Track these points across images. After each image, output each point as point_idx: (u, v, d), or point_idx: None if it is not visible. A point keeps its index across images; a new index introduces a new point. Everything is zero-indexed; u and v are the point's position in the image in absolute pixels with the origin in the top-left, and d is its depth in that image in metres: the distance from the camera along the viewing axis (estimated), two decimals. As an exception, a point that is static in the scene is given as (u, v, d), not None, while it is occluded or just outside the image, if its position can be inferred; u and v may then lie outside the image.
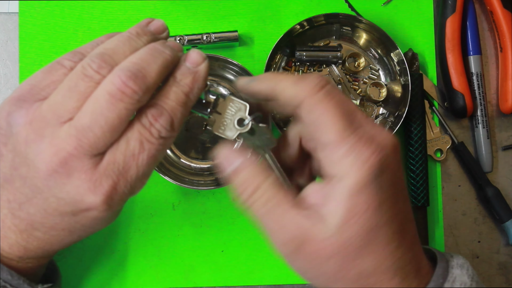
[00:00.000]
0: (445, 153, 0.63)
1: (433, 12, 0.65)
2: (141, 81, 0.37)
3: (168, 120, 0.38)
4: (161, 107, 0.38)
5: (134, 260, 0.61)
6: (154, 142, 0.38)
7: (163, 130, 0.38)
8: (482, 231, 0.64)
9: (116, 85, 0.37)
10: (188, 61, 0.40)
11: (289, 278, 0.62)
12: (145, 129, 0.38)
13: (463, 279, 0.39)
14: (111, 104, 0.37)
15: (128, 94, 0.37)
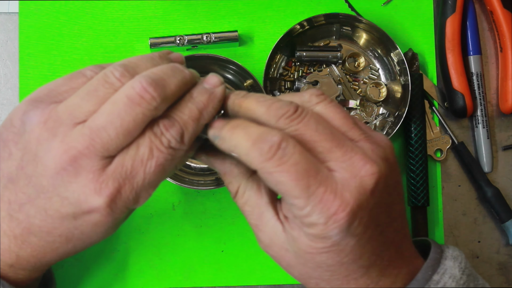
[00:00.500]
0: (445, 153, 0.63)
1: (433, 12, 0.65)
2: (160, 89, 0.38)
3: (178, 132, 0.39)
4: (174, 119, 0.39)
5: (134, 260, 0.61)
6: (163, 150, 0.38)
7: (173, 140, 0.38)
8: (482, 231, 0.64)
9: (136, 89, 0.38)
10: (206, 82, 0.41)
11: (289, 278, 0.62)
12: (156, 137, 0.38)
13: (454, 271, 0.39)
14: (129, 107, 0.37)
15: (146, 99, 0.37)
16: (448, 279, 0.38)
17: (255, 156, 0.37)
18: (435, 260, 0.39)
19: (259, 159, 0.37)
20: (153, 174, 0.39)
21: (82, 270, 0.60)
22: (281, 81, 0.63)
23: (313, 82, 0.61)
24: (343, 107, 0.48)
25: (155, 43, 0.61)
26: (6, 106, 0.63)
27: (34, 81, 0.62)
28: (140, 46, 0.63)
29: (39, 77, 0.62)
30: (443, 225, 0.63)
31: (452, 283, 0.38)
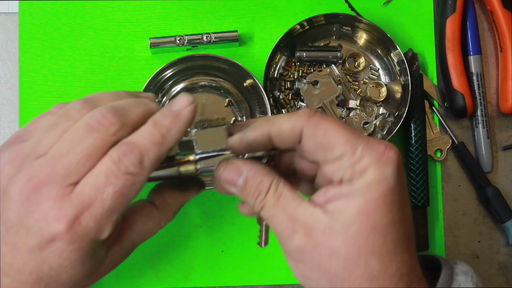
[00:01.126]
0: (445, 153, 0.63)
1: (433, 12, 0.65)
2: (119, 116, 0.38)
3: (137, 157, 0.38)
4: (132, 144, 0.38)
5: (134, 260, 0.61)
6: (120, 177, 0.38)
7: (131, 165, 0.38)
8: (482, 231, 0.64)
9: (95, 116, 0.38)
10: (173, 104, 0.40)
11: (289, 278, 0.62)
12: (113, 163, 0.38)
13: (468, 286, 0.39)
14: (88, 132, 0.38)
15: (105, 124, 0.38)
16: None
17: (298, 116, 0.39)
18: (448, 276, 0.39)
19: (303, 117, 0.39)
20: (111, 200, 0.38)
21: (82, 270, 0.60)
22: (281, 81, 0.63)
23: (313, 82, 0.61)
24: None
25: (155, 43, 0.61)
26: (6, 106, 0.63)
27: (34, 81, 0.62)
28: (140, 46, 0.63)
29: (39, 77, 0.62)
30: (443, 225, 0.63)
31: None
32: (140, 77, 0.62)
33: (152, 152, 0.39)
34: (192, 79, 0.62)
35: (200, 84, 0.62)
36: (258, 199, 0.39)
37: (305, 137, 0.39)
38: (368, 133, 0.62)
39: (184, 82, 0.62)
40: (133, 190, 0.39)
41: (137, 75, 0.63)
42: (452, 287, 0.38)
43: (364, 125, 0.63)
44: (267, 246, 0.63)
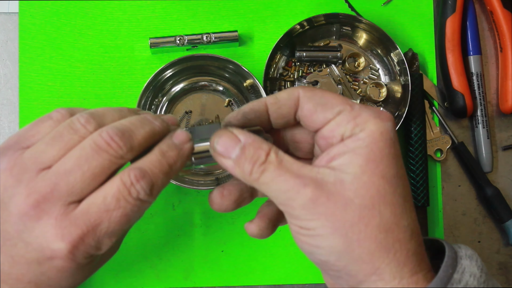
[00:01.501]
0: (445, 153, 0.63)
1: (433, 12, 0.65)
2: (127, 139, 0.39)
3: (149, 184, 0.38)
4: (145, 171, 0.38)
5: (134, 260, 0.61)
6: (131, 201, 0.38)
7: (142, 192, 0.38)
8: (482, 231, 0.64)
9: (104, 137, 0.38)
10: (175, 138, 0.41)
11: (289, 278, 0.62)
12: (125, 187, 0.38)
13: (473, 270, 0.38)
14: (96, 152, 0.38)
15: (113, 147, 0.38)
16: (469, 277, 0.38)
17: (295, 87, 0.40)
18: (452, 259, 0.39)
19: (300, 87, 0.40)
20: (118, 224, 0.38)
21: (82, 270, 0.61)
22: (281, 81, 0.63)
23: (313, 82, 0.61)
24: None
25: (155, 43, 0.61)
26: (6, 106, 0.63)
27: (34, 81, 0.62)
28: (140, 46, 0.63)
29: (39, 77, 0.62)
30: (443, 225, 0.63)
31: (473, 282, 0.37)
32: (140, 77, 0.62)
33: (160, 181, 0.39)
34: (192, 79, 0.62)
35: (200, 84, 0.62)
36: (257, 164, 0.38)
37: (303, 101, 0.40)
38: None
39: (184, 82, 0.62)
40: (138, 216, 0.39)
41: (137, 75, 0.63)
42: (457, 273, 0.38)
43: (364, 125, 0.63)
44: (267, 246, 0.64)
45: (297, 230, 0.38)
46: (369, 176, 0.36)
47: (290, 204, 0.37)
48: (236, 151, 0.39)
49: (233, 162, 0.39)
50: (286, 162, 0.38)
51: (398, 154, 0.38)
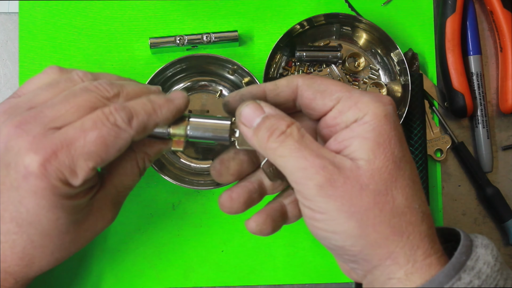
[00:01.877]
0: (445, 153, 0.63)
1: (433, 12, 0.65)
2: (117, 87, 0.42)
3: (127, 114, 0.40)
4: (126, 106, 0.40)
5: (134, 260, 0.61)
6: (107, 125, 0.39)
7: (119, 119, 0.40)
8: (482, 231, 0.64)
9: (94, 84, 0.41)
10: (171, 94, 0.43)
11: (289, 278, 0.62)
12: (103, 114, 0.40)
13: (487, 258, 0.38)
14: (82, 91, 0.40)
15: (100, 88, 0.41)
16: (482, 265, 0.38)
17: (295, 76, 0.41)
18: (466, 247, 0.39)
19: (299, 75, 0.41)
20: (93, 144, 0.39)
21: (83, 270, 0.60)
22: (281, 81, 0.63)
23: (313, 82, 0.61)
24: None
25: (155, 43, 0.61)
26: (6, 106, 0.63)
27: (34, 81, 0.62)
28: (140, 46, 0.63)
29: (39, 77, 0.62)
30: (443, 225, 0.63)
31: (487, 269, 0.38)
32: (140, 77, 0.62)
33: (141, 117, 0.41)
34: (192, 79, 0.62)
35: (200, 84, 0.62)
36: (275, 133, 0.38)
37: (302, 88, 0.40)
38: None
39: (184, 82, 0.62)
40: (116, 144, 0.40)
41: (137, 75, 0.63)
42: (471, 260, 0.38)
43: (364, 125, 0.63)
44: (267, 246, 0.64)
45: (310, 215, 0.38)
46: (381, 161, 0.37)
47: (305, 183, 0.37)
48: (258, 120, 0.39)
49: (253, 130, 0.39)
50: (307, 139, 0.38)
51: (403, 136, 0.39)
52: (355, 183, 0.37)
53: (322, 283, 0.62)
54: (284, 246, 0.62)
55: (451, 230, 0.43)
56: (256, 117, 0.39)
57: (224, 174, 0.44)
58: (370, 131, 0.37)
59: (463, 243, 0.39)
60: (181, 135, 0.44)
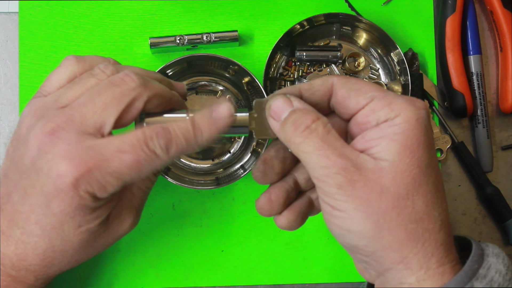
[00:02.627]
0: (445, 153, 0.63)
1: (433, 12, 0.65)
2: (142, 79, 0.41)
3: (166, 143, 0.40)
4: (168, 130, 0.40)
5: (134, 260, 0.61)
6: (145, 151, 0.39)
7: (158, 146, 0.40)
8: (482, 231, 0.64)
9: (119, 75, 0.41)
10: (214, 109, 0.43)
11: (289, 278, 0.62)
12: (144, 137, 0.39)
13: (499, 267, 0.38)
14: (108, 86, 0.40)
15: (126, 81, 0.40)
16: (494, 273, 0.38)
17: (330, 76, 0.40)
18: (478, 256, 0.39)
19: (334, 76, 0.41)
20: (127, 167, 0.39)
21: (83, 270, 0.60)
22: (281, 81, 0.63)
23: (313, 82, 0.61)
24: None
25: (155, 43, 0.61)
26: (6, 106, 0.63)
27: (34, 81, 0.62)
28: (140, 46, 0.63)
29: (39, 77, 0.62)
30: (443, 225, 0.63)
31: (499, 278, 0.37)
32: (140, 77, 0.62)
33: (180, 145, 0.40)
34: (192, 79, 0.62)
35: (200, 84, 0.62)
36: (300, 127, 0.38)
37: (337, 87, 0.40)
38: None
39: (184, 82, 0.62)
40: (148, 169, 0.40)
41: (137, 75, 0.63)
42: (482, 268, 0.38)
43: (364, 125, 0.63)
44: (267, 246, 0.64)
45: (329, 210, 0.38)
46: (406, 164, 0.37)
47: (326, 181, 0.37)
48: (285, 114, 0.39)
49: (280, 124, 0.39)
50: (332, 136, 0.38)
51: (432, 143, 0.38)
52: (376, 185, 0.36)
53: (322, 283, 0.62)
54: (284, 246, 0.62)
55: (462, 238, 0.42)
56: (284, 111, 0.39)
57: (270, 174, 0.43)
58: (399, 133, 0.37)
59: (474, 251, 0.39)
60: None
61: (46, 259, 0.43)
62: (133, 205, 0.47)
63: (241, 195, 0.62)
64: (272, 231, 0.62)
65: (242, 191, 0.62)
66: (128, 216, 0.46)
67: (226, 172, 0.61)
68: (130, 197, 0.46)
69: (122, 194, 0.46)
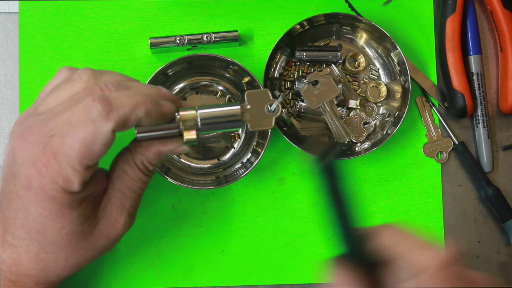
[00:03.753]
0: (446, 156, 0.63)
1: (433, 12, 0.65)
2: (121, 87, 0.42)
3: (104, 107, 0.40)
4: (106, 96, 0.40)
5: (134, 260, 0.61)
6: (86, 124, 0.39)
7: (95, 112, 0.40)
8: (482, 231, 0.64)
9: (98, 85, 0.42)
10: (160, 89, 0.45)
11: (289, 278, 0.62)
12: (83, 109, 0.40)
13: None
14: (85, 95, 0.41)
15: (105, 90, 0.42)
16: None
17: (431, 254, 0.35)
18: None
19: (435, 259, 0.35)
20: (72, 149, 0.39)
21: (82, 270, 0.60)
22: (281, 81, 0.63)
23: (313, 82, 0.61)
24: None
25: (155, 43, 0.61)
26: (6, 106, 0.63)
27: (34, 81, 0.62)
28: (140, 46, 0.63)
29: (39, 77, 0.62)
30: (443, 225, 0.63)
31: None
32: (140, 77, 0.62)
33: (122, 109, 0.40)
34: (192, 79, 0.62)
35: (200, 84, 0.62)
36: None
37: (421, 279, 0.35)
38: (368, 133, 0.62)
39: (184, 82, 0.62)
40: (96, 141, 0.39)
41: (137, 75, 0.63)
42: None
43: (364, 125, 0.63)
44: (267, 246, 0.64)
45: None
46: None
47: None
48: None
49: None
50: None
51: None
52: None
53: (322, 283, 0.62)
54: (284, 246, 0.62)
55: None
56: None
57: None
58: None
59: None
60: (192, 129, 0.43)
61: (40, 261, 0.43)
62: (124, 205, 0.46)
63: (241, 195, 0.62)
64: (272, 231, 0.62)
65: (242, 191, 0.62)
66: (119, 216, 0.46)
67: (226, 172, 0.61)
68: (121, 198, 0.46)
69: (111, 195, 0.46)
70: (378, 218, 0.63)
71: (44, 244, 0.43)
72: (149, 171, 0.46)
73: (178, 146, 0.45)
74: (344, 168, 0.38)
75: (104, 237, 0.46)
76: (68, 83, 0.43)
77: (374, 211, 0.63)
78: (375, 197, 0.63)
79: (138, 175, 0.46)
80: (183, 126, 0.43)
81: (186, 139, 0.43)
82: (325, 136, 0.62)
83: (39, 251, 0.43)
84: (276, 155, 0.63)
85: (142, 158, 0.45)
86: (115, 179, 0.46)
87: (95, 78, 0.43)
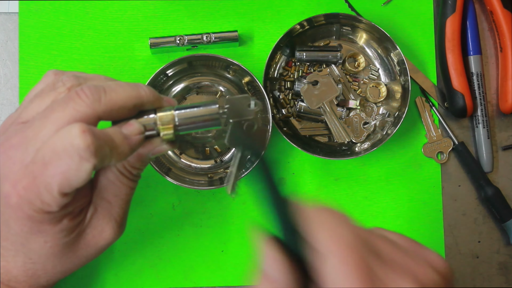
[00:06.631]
0: (446, 156, 0.63)
1: (433, 12, 0.65)
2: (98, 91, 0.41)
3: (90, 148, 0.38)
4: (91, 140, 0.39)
5: (134, 260, 0.61)
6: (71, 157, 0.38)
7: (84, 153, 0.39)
8: (482, 231, 0.64)
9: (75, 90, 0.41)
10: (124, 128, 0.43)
11: (289, 278, 0.62)
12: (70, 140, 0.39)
13: None
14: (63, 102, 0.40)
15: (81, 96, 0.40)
16: None
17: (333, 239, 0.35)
18: None
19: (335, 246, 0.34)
20: (54, 179, 0.38)
21: (82, 270, 0.60)
22: (281, 81, 0.63)
23: (313, 82, 0.61)
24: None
25: (155, 43, 0.61)
26: (6, 106, 0.63)
27: (34, 81, 0.62)
28: (140, 46, 0.63)
29: (39, 77, 0.62)
30: (443, 225, 0.63)
31: None
32: (140, 77, 0.62)
33: (103, 151, 0.39)
34: (192, 79, 0.62)
35: (200, 84, 0.62)
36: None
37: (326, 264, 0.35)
38: (368, 133, 0.62)
39: (184, 82, 0.62)
40: (78, 176, 0.39)
41: (137, 75, 0.63)
42: None
43: (364, 125, 0.63)
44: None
45: None
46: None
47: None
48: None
49: None
50: None
51: None
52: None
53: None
54: (284, 246, 0.62)
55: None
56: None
57: None
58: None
59: None
60: (170, 129, 0.43)
61: (28, 270, 0.44)
62: (111, 214, 0.46)
63: (241, 195, 0.62)
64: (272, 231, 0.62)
65: (242, 191, 0.62)
66: (107, 226, 0.45)
67: (226, 172, 0.61)
68: (107, 207, 0.45)
69: (96, 204, 0.45)
70: (378, 218, 0.63)
71: (30, 255, 0.43)
72: (133, 176, 0.46)
73: (157, 146, 0.44)
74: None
75: (92, 246, 0.45)
76: (52, 90, 0.43)
77: (374, 211, 0.63)
78: (375, 197, 0.63)
79: (122, 181, 0.45)
80: (161, 126, 0.43)
81: (163, 134, 0.43)
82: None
83: (26, 261, 0.43)
84: (276, 155, 0.63)
85: (124, 163, 0.44)
86: (100, 188, 0.45)
87: (79, 85, 0.42)
